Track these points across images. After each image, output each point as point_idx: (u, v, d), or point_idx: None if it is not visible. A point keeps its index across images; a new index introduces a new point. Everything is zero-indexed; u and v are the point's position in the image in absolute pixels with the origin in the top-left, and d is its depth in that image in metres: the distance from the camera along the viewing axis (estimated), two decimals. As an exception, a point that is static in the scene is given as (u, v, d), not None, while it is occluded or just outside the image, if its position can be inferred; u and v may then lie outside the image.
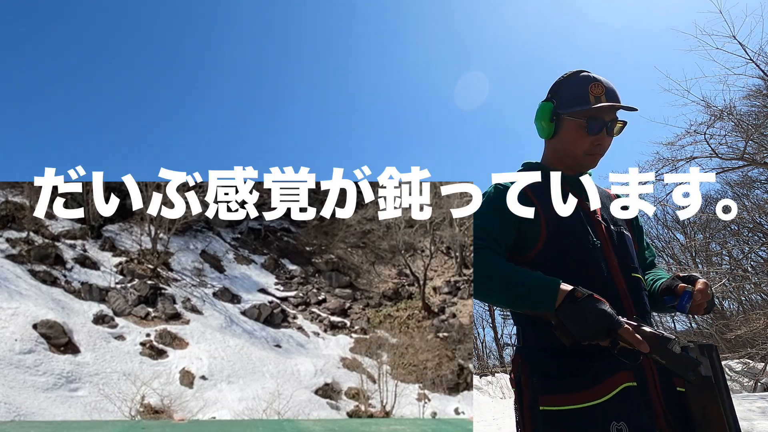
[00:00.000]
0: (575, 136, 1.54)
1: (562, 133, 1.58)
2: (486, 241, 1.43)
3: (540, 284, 1.29)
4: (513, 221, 1.50)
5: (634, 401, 1.27)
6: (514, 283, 1.31)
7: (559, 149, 1.61)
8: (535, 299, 1.28)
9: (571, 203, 1.52)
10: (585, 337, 1.22)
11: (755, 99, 10.11)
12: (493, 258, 1.38)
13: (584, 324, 1.21)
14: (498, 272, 1.35)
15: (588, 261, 1.43)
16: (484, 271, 1.36)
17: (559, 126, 1.58)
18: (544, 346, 1.40)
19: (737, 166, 9.84)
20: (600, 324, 1.20)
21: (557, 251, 1.45)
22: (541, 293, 1.28)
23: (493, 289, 1.36)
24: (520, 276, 1.32)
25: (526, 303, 1.30)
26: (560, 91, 1.60)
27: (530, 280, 1.30)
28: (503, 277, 1.33)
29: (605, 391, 1.27)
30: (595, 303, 1.23)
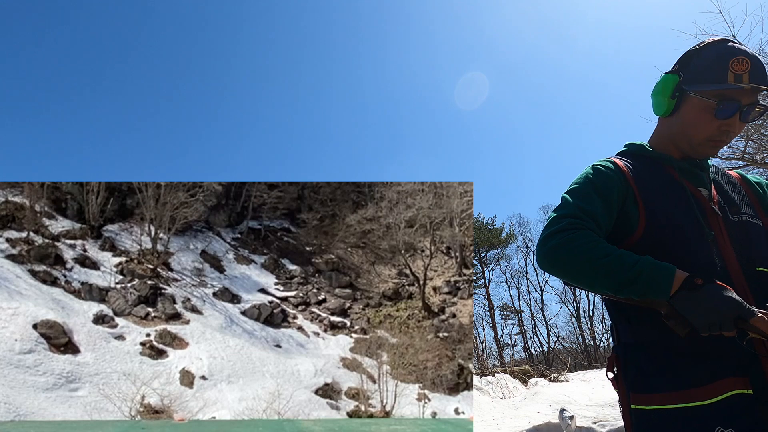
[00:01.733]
0: (699, 118, 1.33)
1: (683, 112, 1.37)
2: (584, 221, 1.25)
3: (653, 268, 1.13)
4: (615, 205, 1.33)
5: (747, 409, 1.11)
6: (621, 267, 1.14)
7: (675, 130, 1.41)
8: (647, 285, 1.12)
9: (678, 190, 1.35)
10: (707, 326, 1.06)
11: (755, 99, 10.11)
12: (594, 238, 1.20)
13: (708, 312, 1.06)
14: (601, 254, 1.16)
15: (696, 255, 1.25)
16: (583, 252, 1.17)
17: (682, 103, 1.37)
18: (639, 342, 1.28)
19: (737, 166, 9.83)
20: (727, 311, 1.05)
21: (657, 243, 1.27)
22: (654, 278, 1.12)
23: (594, 273, 1.16)
24: (630, 259, 1.15)
25: (635, 289, 1.13)
26: (692, 63, 1.36)
27: (641, 264, 1.13)
28: (608, 260, 1.15)
29: (712, 394, 1.13)
30: (720, 289, 1.08)
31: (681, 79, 1.36)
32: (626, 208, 1.33)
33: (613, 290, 1.17)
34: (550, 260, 1.22)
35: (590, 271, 1.17)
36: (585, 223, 1.25)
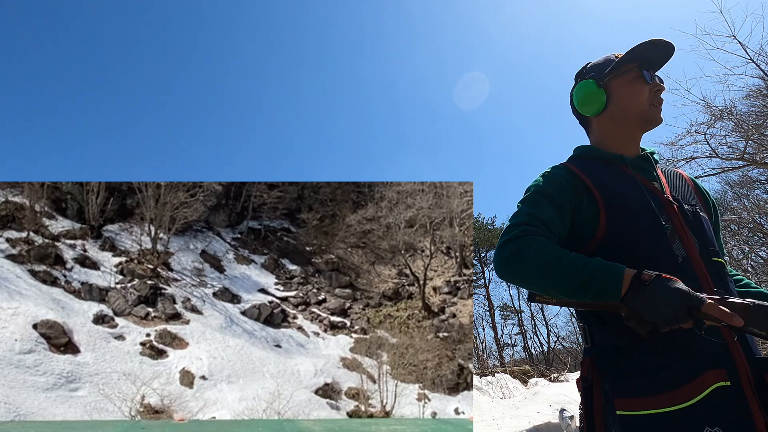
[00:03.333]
0: (633, 90, 1.42)
1: (615, 95, 1.44)
2: (536, 227, 1.26)
3: (602, 269, 1.13)
4: (567, 210, 1.34)
5: (729, 403, 1.11)
6: (572, 270, 1.14)
7: (616, 116, 1.45)
8: (599, 287, 1.12)
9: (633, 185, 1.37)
10: (663, 321, 1.06)
11: (755, 99, 10.11)
12: (545, 244, 1.20)
13: (659, 307, 1.05)
14: (554, 258, 1.16)
15: (659, 247, 1.27)
16: (539, 258, 1.18)
17: (610, 91, 1.45)
18: (615, 344, 1.26)
19: (737, 166, 9.83)
20: (677, 303, 1.05)
21: (620, 239, 1.29)
22: (604, 279, 1.11)
23: (548, 278, 1.17)
24: (580, 262, 1.15)
25: (589, 292, 1.13)
26: (594, 67, 1.51)
27: (592, 266, 1.13)
28: (560, 264, 1.15)
29: (695, 392, 1.12)
30: (666, 282, 1.07)
31: (595, 77, 1.48)
32: (583, 209, 1.34)
33: (567, 294, 1.16)
34: (504, 269, 1.23)
35: (543, 276, 1.17)
36: (537, 230, 1.25)
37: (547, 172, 1.43)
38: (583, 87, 1.49)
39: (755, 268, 14.48)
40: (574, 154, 1.55)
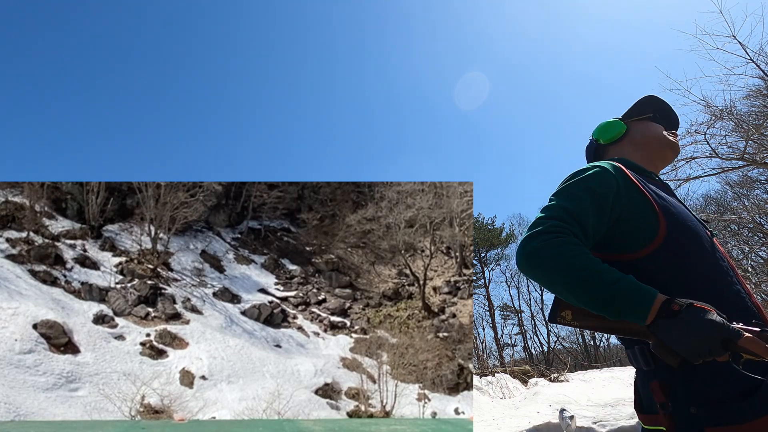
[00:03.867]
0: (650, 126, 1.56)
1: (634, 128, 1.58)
2: (570, 226, 1.17)
3: (633, 289, 1.05)
4: (609, 214, 1.23)
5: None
6: (599, 282, 1.06)
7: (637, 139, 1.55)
8: (624, 307, 1.05)
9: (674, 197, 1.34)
10: (696, 355, 0.98)
11: (755, 99, 10.11)
12: (575, 246, 1.12)
13: (691, 339, 0.98)
14: (583, 265, 1.08)
15: (717, 264, 1.20)
16: (565, 260, 1.09)
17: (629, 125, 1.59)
18: (685, 363, 1.08)
19: (737, 166, 9.83)
20: (712, 336, 0.97)
21: (679, 250, 1.20)
22: (632, 300, 1.04)
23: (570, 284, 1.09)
24: (609, 276, 1.06)
25: (610, 309, 1.06)
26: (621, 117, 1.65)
27: (621, 283, 1.05)
28: (586, 273, 1.07)
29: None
30: (699, 313, 0.99)
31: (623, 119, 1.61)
32: (634, 209, 1.25)
33: (587, 305, 1.09)
34: (527, 263, 1.15)
35: (567, 281, 1.09)
36: (569, 227, 1.16)
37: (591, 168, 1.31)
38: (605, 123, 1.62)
39: (755, 268, 14.48)
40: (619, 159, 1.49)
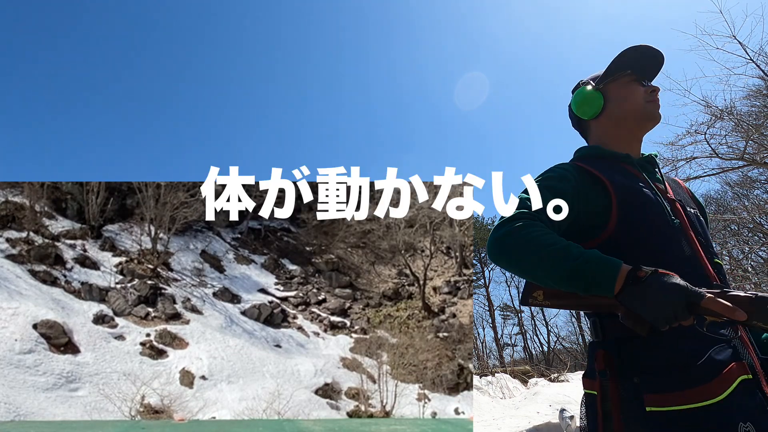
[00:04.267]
0: (628, 91, 1.46)
1: (612, 97, 1.48)
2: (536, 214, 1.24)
3: (598, 261, 1.08)
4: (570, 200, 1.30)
5: (754, 397, 1.10)
6: (565, 257, 1.10)
7: (615, 114, 1.47)
8: (591, 279, 1.07)
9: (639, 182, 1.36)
10: (662, 320, 1.00)
11: (755, 99, 10.11)
12: (542, 229, 1.18)
13: (657, 304, 1.00)
14: (549, 243, 1.13)
15: (669, 242, 1.26)
16: (532, 240, 1.15)
17: (606, 94, 1.48)
18: (633, 336, 1.19)
19: (737, 166, 9.83)
20: (676, 299, 0.99)
21: (632, 232, 1.27)
22: (598, 272, 1.07)
23: (538, 262, 1.13)
24: (575, 250, 1.10)
25: (579, 282, 1.09)
26: (588, 79, 1.56)
27: (587, 255, 1.09)
28: (553, 249, 1.12)
29: (724, 386, 1.08)
30: (662, 278, 1.02)
31: (591, 84, 1.51)
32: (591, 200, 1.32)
33: (557, 282, 1.12)
34: (497, 248, 1.19)
35: (534, 260, 1.13)
36: (537, 215, 1.24)
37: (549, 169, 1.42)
38: (580, 92, 1.53)
39: (755, 268, 14.48)
40: (578, 155, 1.54)
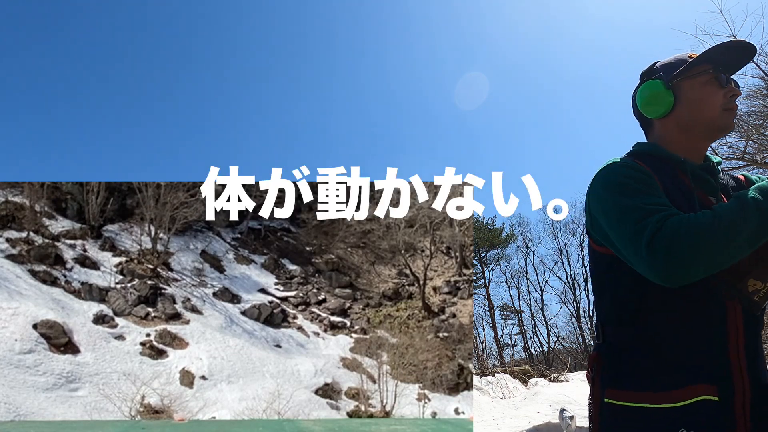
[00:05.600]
0: (705, 93, 1.30)
1: (684, 98, 1.32)
2: (667, 210, 1.13)
3: (762, 205, 1.06)
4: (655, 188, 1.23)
5: (711, 414, 1.13)
6: (743, 219, 1.05)
7: (685, 120, 1.33)
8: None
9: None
10: None
11: (755, 99, 10.12)
12: (689, 217, 1.08)
13: None
14: (714, 221, 1.05)
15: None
16: (697, 234, 1.04)
17: (679, 93, 1.32)
18: (624, 345, 1.28)
19: (737, 166, 9.84)
20: None
21: None
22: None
23: (726, 244, 1.04)
24: (736, 209, 1.06)
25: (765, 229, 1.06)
26: (663, 66, 1.38)
27: (751, 205, 1.06)
28: (721, 222, 1.05)
29: (681, 398, 1.15)
30: None
31: (663, 78, 1.35)
32: None
33: (759, 240, 1.07)
34: (674, 262, 1.06)
35: (722, 243, 1.04)
36: (667, 210, 1.13)
37: (622, 165, 1.28)
38: (650, 87, 1.36)
39: (755, 268, 14.42)
40: (637, 150, 1.40)
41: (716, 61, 1.30)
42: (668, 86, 1.34)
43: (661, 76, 1.36)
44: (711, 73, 1.30)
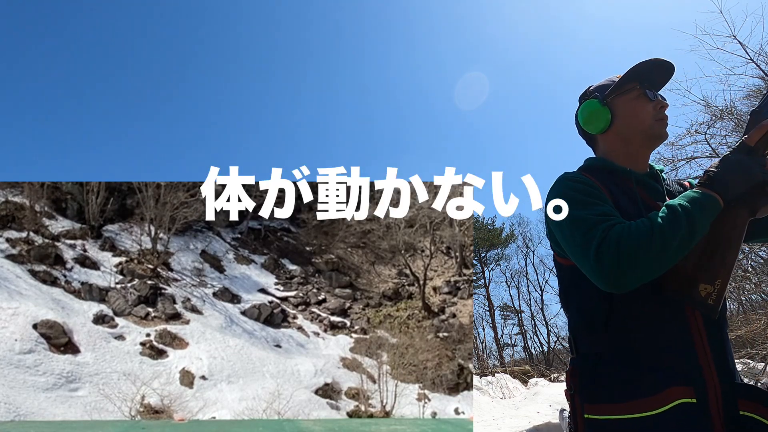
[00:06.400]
0: (636, 107, 1.44)
1: (620, 113, 1.46)
2: (611, 219, 1.23)
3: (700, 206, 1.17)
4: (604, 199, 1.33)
5: (690, 419, 1.16)
6: (677, 225, 1.14)
7: (622, 132, 1.46)
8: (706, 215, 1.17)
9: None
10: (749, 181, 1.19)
11: (755, 99, 10.09)
12: (632, 225, 1.18)
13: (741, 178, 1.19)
14: (655, 229, 1.14)
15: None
16: (639, 240, 1.13)
17: (614, 109, 1.46)
18: (596, 352, 1.31)
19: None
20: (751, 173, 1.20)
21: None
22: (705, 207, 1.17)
23: (669, 249, 1.13)
24: (674, 213, 1.16)
25: (701, 228, 1.17)
26: (597, 88, 1.53)
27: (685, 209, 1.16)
28: (662, 228, 1.14)
29: (658, 404, 1.17)
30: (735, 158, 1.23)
31: (598, 97, 1.49)
32: None
33: (691, 242, 1.16)
34: (619, 271, 1.14)
35: (665, 248, 1.13)
36: (612, 219, 1.22)
37: (571, 178, 1.40)
38: (588, 106, 1.51)
39: (755, 268, 14.48)
40: (586, 165, 1.54)
41: (642, 78, 1.45)
42: (604, 104, 1.48)
43: (596, 96, 1.50)
44: (639, 89, 1.45)
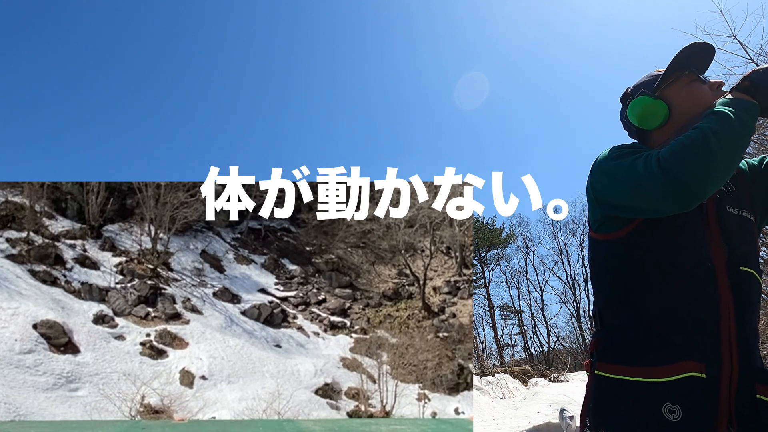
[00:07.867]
0: (694, 91, 1.38)
1: (677, 102, 1.39)
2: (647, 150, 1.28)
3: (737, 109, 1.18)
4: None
5: (696, 390, 1.18)
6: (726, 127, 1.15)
7: (680, 121, 1.38)
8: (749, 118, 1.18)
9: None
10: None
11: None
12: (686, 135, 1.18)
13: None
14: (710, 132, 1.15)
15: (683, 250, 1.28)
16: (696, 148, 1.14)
17: (669, 100, 1.40)
18: (619, 323, 1.35)
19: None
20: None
21: (655, 234, 1.29)
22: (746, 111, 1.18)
23: (726, 147, 1.14)
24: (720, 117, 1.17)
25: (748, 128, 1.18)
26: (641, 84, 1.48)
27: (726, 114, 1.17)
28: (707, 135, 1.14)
29: (667, 374, 1.21)
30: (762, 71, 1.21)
31: (646, 93, 1.43)
32: None
33: (745, 142, 1.17)
34: (690, 171, 1.13)
35: (722, 147, 1.13)
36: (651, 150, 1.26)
37: (612, 148, 1.40)
38: (639, 103, 1.42)
39: (755, 268, 14.42)
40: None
41: (689, 63, 1.39)
42: (656, 97, 1.41)
43: (643, 92, 1.43)
44: (689, 74, 1.39)
